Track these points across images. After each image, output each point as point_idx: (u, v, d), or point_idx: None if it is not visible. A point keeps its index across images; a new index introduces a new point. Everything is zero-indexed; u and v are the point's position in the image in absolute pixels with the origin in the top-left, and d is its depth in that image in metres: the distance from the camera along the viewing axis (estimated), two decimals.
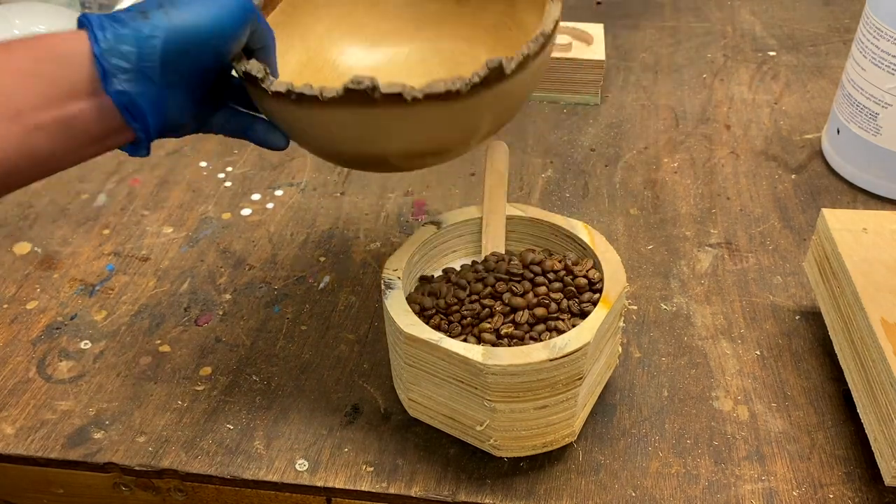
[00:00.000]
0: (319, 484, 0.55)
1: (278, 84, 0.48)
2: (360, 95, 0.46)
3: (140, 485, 0.57)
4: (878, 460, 0.52)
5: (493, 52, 0.63)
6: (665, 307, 0.68)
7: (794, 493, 0.54)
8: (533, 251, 0.59)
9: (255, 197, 0.81)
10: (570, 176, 0.84)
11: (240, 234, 0.76)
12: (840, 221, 0.61)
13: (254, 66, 0.49)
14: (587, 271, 0.56)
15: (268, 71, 0.50)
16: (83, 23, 0.46)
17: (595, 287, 0.56)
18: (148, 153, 0.51)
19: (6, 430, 0.59)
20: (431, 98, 0.47)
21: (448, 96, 0.47)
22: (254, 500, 0.57)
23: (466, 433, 0.54)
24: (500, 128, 0.55)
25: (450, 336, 0.52)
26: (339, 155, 0.55)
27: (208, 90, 0.51)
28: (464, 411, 0.53)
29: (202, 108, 0.53)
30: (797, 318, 0.67)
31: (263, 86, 0.49)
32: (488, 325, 0.53)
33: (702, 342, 0.65)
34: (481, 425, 0.52)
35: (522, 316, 0.53)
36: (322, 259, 0.73)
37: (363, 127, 0.49)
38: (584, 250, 0.59)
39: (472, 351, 0.49)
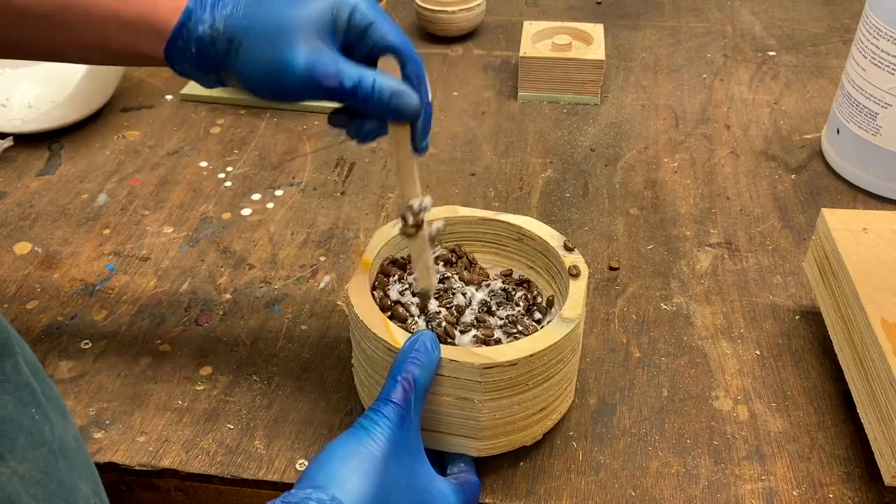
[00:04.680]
0: None
1: None
2: None
3: (140, 485, 0.57)
4: (877, 460, 0.52)
5: None
6: (665, 307, 0.68)
7: (794, 492, 0.54)
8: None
9: (256, 197, 0.81)
10: (570, 176, 0.84)
11: (240, 234, 0.77)
12: (840, 221, 0.61)
13: None
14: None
15: None
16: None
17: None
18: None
19: None
20: None
21: None
22: (254, 500, 0.57)
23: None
24: None
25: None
26: None
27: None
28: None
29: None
30: (797, 317, 0.67)
31: None
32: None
33: (702, 342, 0.65)
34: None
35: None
36: (322, 259, 0.74)
37: None
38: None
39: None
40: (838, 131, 0.81)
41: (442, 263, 0.60)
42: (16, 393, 0.37)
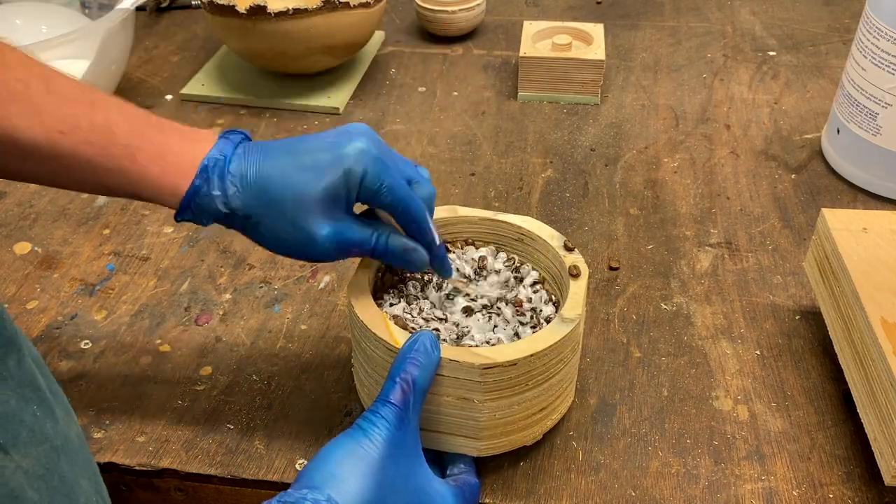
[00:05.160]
0: None
1: None
2: None
3: (140, 485, 0.57)
4: (877, 460, 0.52)
5: None
6: (665, 307, 0.68)
7: (794, 492, 0.54)
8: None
9: None
10: (570, 176, 0.84)
11: (240, 234, 0.76)
12: (840, 221, 0.61)
13: None
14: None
15: None
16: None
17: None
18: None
19: None
20: None
21: None
22: (254, 500, 0.57)
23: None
24: None
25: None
26: None
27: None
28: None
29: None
30: (797, 317, 0.67)
31: None
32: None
33: (702, 342, 0.65)
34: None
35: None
36: None
37: None
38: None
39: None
40: (838, 131, 0.81)
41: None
42: (18, 389, 0.37)
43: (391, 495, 0.44)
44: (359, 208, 0.53)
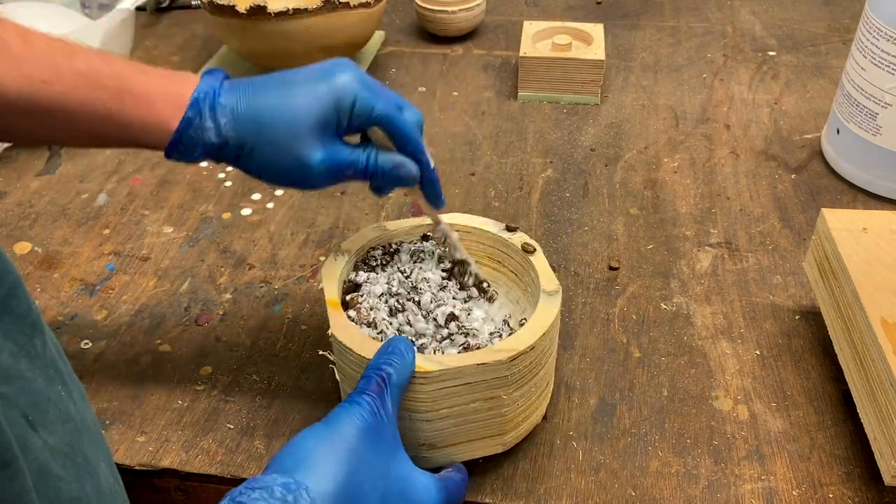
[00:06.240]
0: None
1: None
2: None
3: (140, 485, 0.57)
4: (877, 460, 0.52)
5: None
6: (665, 307, 0.68)
7: (794, 492, 0.54)
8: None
9: (256, 196, 0.81)
10: (570, 176, 0.84)
11: (240, 234, 0.77)
12: (840, 221, 0.61)
13: None
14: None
15: None
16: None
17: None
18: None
19: None
20: None
21: None
22: None
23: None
24: None
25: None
26: None
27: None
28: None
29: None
30: (797, 317, 0.67)
31: None
32: None
33: (702, 342, 0.65)
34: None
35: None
36: (322, 259, 0.73)
37: None
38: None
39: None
40: (838, 131, 0.81)
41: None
42: (45, 369, 0.38)
43: (368, 481, 0.43)
44: (352, 140, 0.55)
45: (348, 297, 0.56)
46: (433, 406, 0.50)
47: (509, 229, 0.59)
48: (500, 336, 0.56)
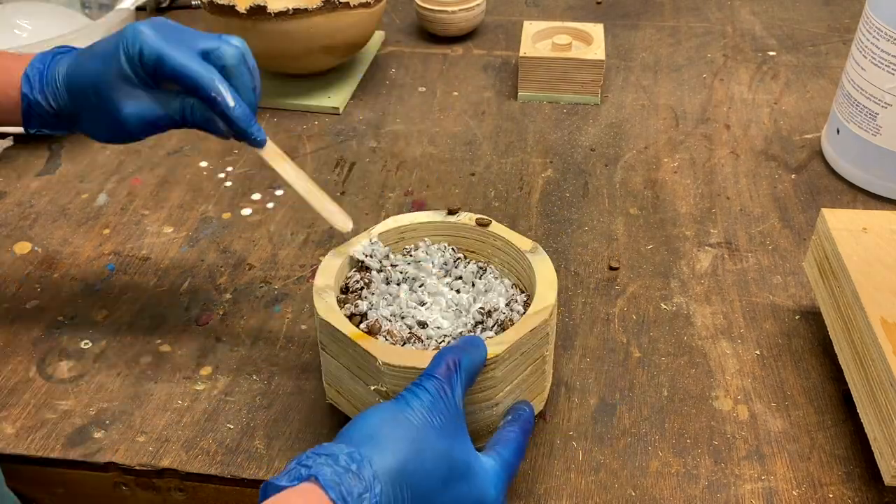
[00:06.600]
0: None
1: None
2: None
3: (140, 484, 0.57)
4: (877, 460, 0.52)
5: None
6: (665, 307, 0.68)
7: (794, 492, 0.54)
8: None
9: (256, 196, 0.81)
10: (570, 176, 0.84)
11: (240, 234, 0.77)
12: (840, 221, 0.61)
13: None
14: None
15: None
16: None
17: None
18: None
19: (7, 429, 0.59)
20: None
21: None
22: (254, 500, 0.57)
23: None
24: None
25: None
26: None
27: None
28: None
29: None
30: (797, 317, 0.67)
31: None
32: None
33: (702, 342, 0.65)
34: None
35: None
36: (322, 259, 0.73)
37: None
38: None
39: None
40: (838, 131, 0.81)
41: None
42: None
43: (431, 462, 0.44)
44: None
45: (365, 326, 0.56)
46: (502, 387, 0.52)
47: (451, 213, 0.62)
48: (516, 301, 0.57)
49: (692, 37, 1.09)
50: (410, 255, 0.61)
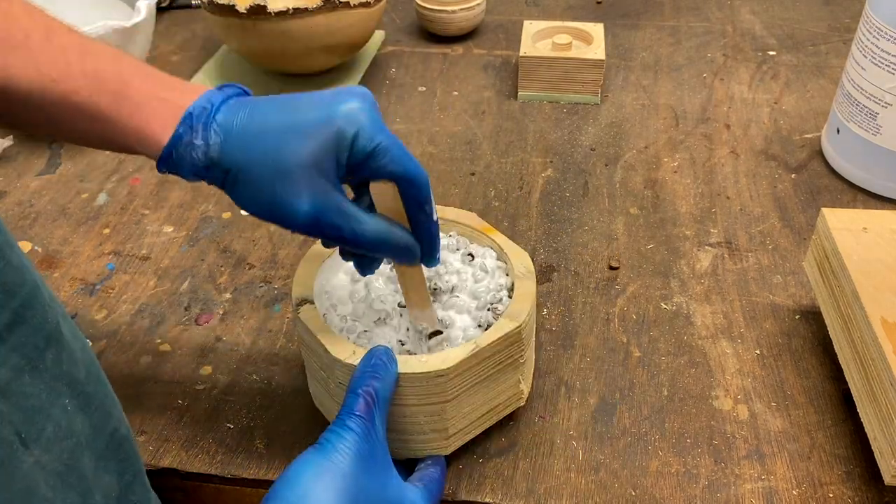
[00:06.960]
0: None
1: None
2: None
3: None
4: (877, 459, 0.52)
5: None
6: (665, 306, 0.68)
7: (794, 492, 0.54)
8: None
9: None
10: (570, 175, 0.84)
11: (240, 234, 0.77)
12: (840, 221, 0.61)
13: None
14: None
15: None
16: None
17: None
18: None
19: None
20: None
21: None
22: (254, 500, 0.57)
23: None
24: None
25: None
26: None
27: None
28: None
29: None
30: (797, 317, 0.67)
31: None
32: None
33: (702, 341, 0.65)
34: None
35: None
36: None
37: None
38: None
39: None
40: (838, 131, 0.81)
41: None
42: (51, 382, 0.37)
43: None
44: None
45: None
46: (460, 391, 0.51)
47: None
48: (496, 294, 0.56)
49: (692, 36, 1.09)
50: None
